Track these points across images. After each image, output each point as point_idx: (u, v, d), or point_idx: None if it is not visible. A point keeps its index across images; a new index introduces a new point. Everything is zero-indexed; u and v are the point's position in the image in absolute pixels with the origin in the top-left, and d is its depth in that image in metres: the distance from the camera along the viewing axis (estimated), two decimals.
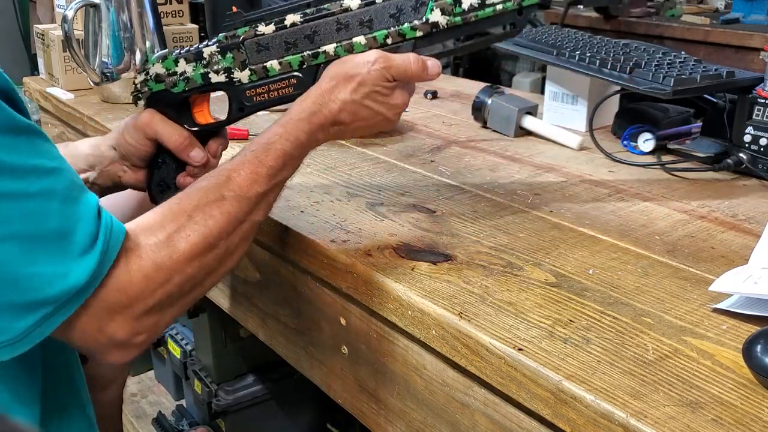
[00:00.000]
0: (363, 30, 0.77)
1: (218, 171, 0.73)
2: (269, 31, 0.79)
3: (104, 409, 1.15)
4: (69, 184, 0.63)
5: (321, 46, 0.78)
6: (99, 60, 1.41)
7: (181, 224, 0.68)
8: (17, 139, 0.59)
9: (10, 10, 3.83)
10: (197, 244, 0.68)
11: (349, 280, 0.77)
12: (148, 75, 0.82)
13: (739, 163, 1.01)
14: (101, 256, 0.62)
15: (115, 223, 0.65)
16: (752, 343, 0.57)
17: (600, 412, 0.54)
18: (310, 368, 0.91)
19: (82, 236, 0.61)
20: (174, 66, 0.81)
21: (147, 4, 1.40)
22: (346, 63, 0.76)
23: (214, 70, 0.80)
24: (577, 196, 0.95)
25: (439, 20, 0.76)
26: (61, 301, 0.60)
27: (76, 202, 0.62)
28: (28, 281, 0.59)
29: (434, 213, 0.89)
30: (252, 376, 1.60)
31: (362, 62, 0.74)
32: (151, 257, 0.65)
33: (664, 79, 1.01)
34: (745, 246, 0.80)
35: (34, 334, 0.61)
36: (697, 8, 2.80)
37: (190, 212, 0.69)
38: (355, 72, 0.74)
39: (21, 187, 0.59)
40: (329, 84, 0.75)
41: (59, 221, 0.60)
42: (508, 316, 0.66)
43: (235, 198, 0.70)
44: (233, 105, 0.82)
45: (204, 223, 0.68)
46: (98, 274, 0.62)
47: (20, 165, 0.59)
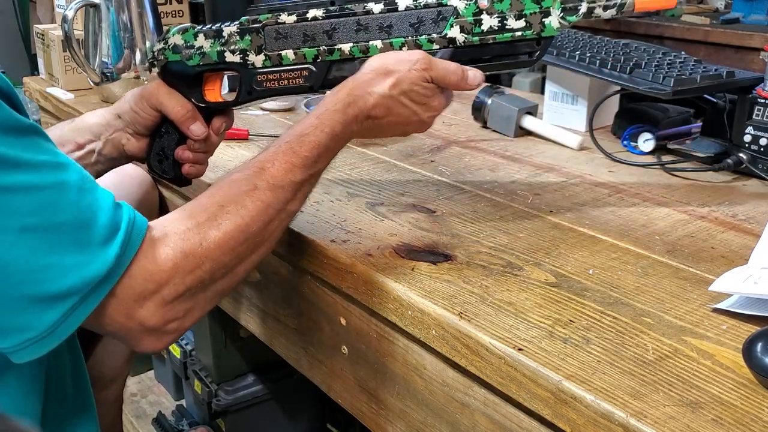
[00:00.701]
0: (381, 35, 0.78)
1: (251, 162, 0.73)
2: (290, 21, 0.80)
3: (104, 409, 1.15)
4: (81, 177, 0.63)
5: (338, 44, 0.79)
6: (99, 60, 1.41)
7: (213, 213, 0.68)
8: (22, 138, 0.60)
9: (10, 10, 3.84)
10: (229, 232, 0.68)
11: (349, 280, 0.77)
12: (166, 44, 0.83)
13: (739, 163, 1.01)
14: (123, 246, 0.62)
15: (138, 215, 0.65)
16: (752, 343, 0.57)
17: (600, 412, 0.54)
18: (310, 368, 0.91)
19: (101, 226, 0.62)
20: (193, 39, 0.82)
21: (147, 4, 1.40)
22: (387, 57, 0.75)
23: (231, 49, 0.81)
24: (577, 196, 0.95)
25: (457, 37, 0.77)
26: (84, 292, 0.61)
27: (91, 193, 0.63)
28: (48, 273, 0.59)
29: (434, 213, 0.89)
30: (252, 376, 1.60)
31: (404, 60, 0.74)
32: (180, 245, 0.66)
33: (664, 79, 1.01)
34: (745, 246, 0.80)
35: (61, 329, 0.61)
36: (697, 8, 2.80)
37: (221, 202, 0.69)
38: (395, 68, 0.74)
39: (34, 180, 0.59)
40: (367, 76, 0.74)
41: (76, 212, 0.61)
42: (508, 316, 0.66)
43: (268, 187, 0.70)
44: (243, 87, 0.83)
45: (236, 212, 0.69)
46: (120, 264, 0.62)
47: (29, 160, 0.59)
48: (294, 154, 0.72)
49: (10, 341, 0.61)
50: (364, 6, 0.78)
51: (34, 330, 0.60)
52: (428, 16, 0.77)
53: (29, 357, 0.62)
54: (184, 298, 0.67)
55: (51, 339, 0.61)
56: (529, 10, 0.75)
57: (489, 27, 0.76)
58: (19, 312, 0.59)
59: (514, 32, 0.76)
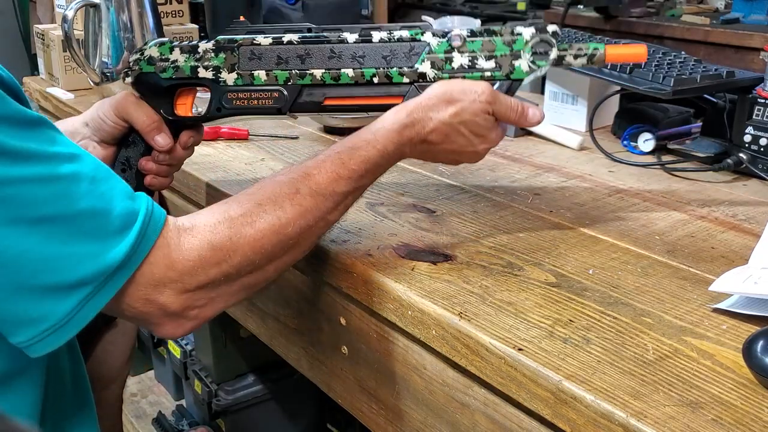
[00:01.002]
0: (353, 63, 0.79)
1: (297, 167, 0.73)
2: (265, 43, 0.81)
3: (104, 409, 1.15)
4: (95, 166, 0.63)
5: (310, 69, 0.80)
6: (99, 60, 1.41)
7: (248, 210, 0.68)
8: (34, 130, 0.60)
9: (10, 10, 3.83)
10: (263, 231, 0.68)
11: (349, 280, 0.77)
12: (142, 55, 0.83)
13: (739, 163, 1.01)
14: (139, 234, 0.62)
15: (156, 205, 0.66)
16: (752, 343, 0.57)
17: (600, 412, 0.54)
18: (310, 368, 0.91)
19: (116, 215, 0.62)
20: (168, 53, 0.82)
21: (147, 4, 1.40)
22: (453, 85, 0.75)
23: (204, 65, 0.82)
24: (577, 196, 0.95)
25: (427, 72, 0.78)
26: (100, 281, 0.61)
27: (106, 182, 0.63)
28: (63, 262, 0.59)
29: (434, 213, 0.89)
30: (252, 376, 1.60)
31: (469, 90, 0.74)
32: (208, 237, 0.66)
33: (664, 79, 1.01)
34: (745, 246, 0.80)
35: (77, 318, 0.61)
36: (697, 8, 2.79)
37: (260, 201, 0.69)
38: (459, 97, 0.74)
39: (48, 171, 0.59)
40: (429, 101, 0.74)
41: (90, 201, 0.61)
42: (508, 316, 0.66)
43: (310, 193, 0.70)
44: (213, 103, 0.83)
45: (273, 212, 0.69)
46: (138, 252, 0.62)
47: (43, 152, 0.60)
48: (342, 165, 0.72)
49: (26, 334, 0.60)
50: (339, 35, 0.80)
51: (49, 320, 0.60)
52: (401, 49, 0.79)
53: (46, 349, 0.62)
54: (207, 289, 0.67)
55: (67, 328, 0.61)
56: (499, 52, 0.77)
57: (459, 65, 0.78)
58: (35, 302, 0.59)
59: (483, 72, 0.78)
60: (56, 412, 0.78)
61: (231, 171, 1.04)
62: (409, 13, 3.88)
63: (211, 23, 1.54)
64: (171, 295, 0.65)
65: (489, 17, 3.65)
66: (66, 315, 0.60)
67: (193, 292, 0.66)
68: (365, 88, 0.80)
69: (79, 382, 0.84)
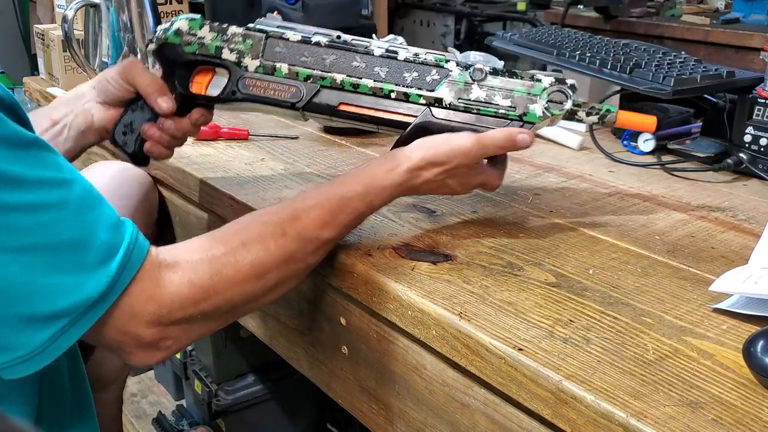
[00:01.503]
0: (375, 75, 0.81)
1: (285, 206, 0.73)
2: (294, 39, 0.82)
3: (104, 409, 1.15)
4: (83, 193, 0.62)
5: (331, 72, 0.81)
6: (99, 60, 1.41)
7: (232, 249, 0.68)
8: (26, 152, 0.59)
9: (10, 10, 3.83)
10: (245, 272, 0.68)
11: (349, 280, 0.77)
12: (171, 25, 0.84)
13: (739, 163, 1.01)
14: (120, 267, 0.61)
15: (140, 236, 0.64)
16: (752, 343, 0.57)
17: (600, 412, 0.54)
18: (310, 368, 0.91)
19: (98, 247, 0.61)
20: (198, 29, 0.84)
21: (147, 4, 1.40)
22: (439, 146, 0.76)
23: (230, 47, 0.83)
24: (577, 196, 0.95)
25: (444, 97, 0.80)
26: (77, 313, 0.60)
27: (92, 211, 0.62)
28: (41, 293, 0.58)
29: (434, 213, 0.89)
30: (252, 376, 1.60)
31: (457, 151, 0.76)
32: (188, 275, 0.65)
33: (664, 79, 1.01)
34: (745, 246, 0.80)
35: (52, 348, 0.60)
36: (697, 8, 2.79)
37: (245, 240, 0.69)
38: (446, 159, 0.76)
39: (33, 198, 0.58)
40: (420, 163, 0.76)
41: (74, 232, 0.60)
42: (508, 316, 0.66)
43: (296, 237, 0.71)
44: (229, 86, 0.84)
45: (257, 254, 0.68)
46: (117, 285, 0.61)
47: (31, 177, 0.58)
48: (331, 214, 0.73)
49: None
50: (366, 45, 0.82)
51: (23, 349, 0.59)
52: (423, 72, 0.81)
53: (18, 375, 0.61)
54: (183, 324, 0.66)
55: (41, 358, 0.60)
56: (517, 93, 0.80)
57: (476, 97, 0.80)
58: (10, 330, 0.59)
59: (498, 108, 0.80)
60: (54, 412, 0.78)
61: (231, 171, 1.04)
62: (408, 13, 3.88)
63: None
64: (146, 328, 0.64)
65: (489, 17, 3.65)
66: (40, 346, 0.59)
67: (168, 326, 0.65)
68: (381, 101, 0.81)
69: (78, 382, 0.83)
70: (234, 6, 1.50)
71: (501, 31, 1.41)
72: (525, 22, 3.37)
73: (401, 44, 0.83)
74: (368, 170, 0.76)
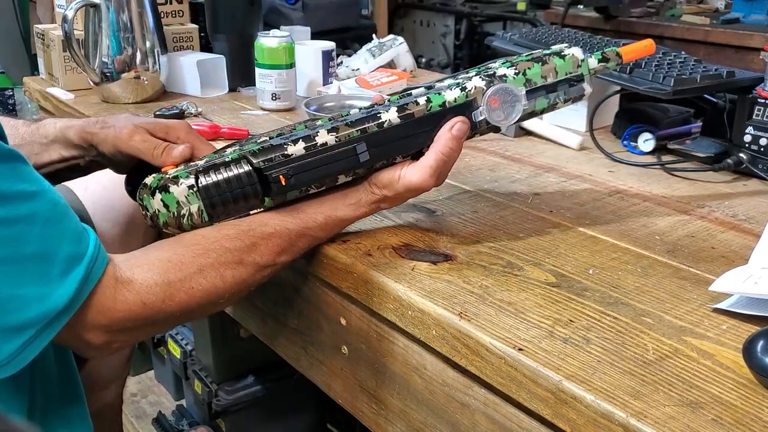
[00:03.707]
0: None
1: (245, 232, 0.73)
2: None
3: (104, 410, 1.15)
4: (51, 205, 0.63)
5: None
6: (99, 60, 1.41)
7: (188, 275, 0.69)
8: (4, 166, 0.60)
9: (10, 10, 3.83)
10: (197, 298, 0.70)
11: (349, 280, 0.77)
12: (156, 216, 0.77)
13: (739, 163, 1.01)
14: (83, 280, 0.63)
15: (101, 248, 0.66)
16: (752, 343, 0.57)
17: (600, 412, 0.54)
18: (310, 368, 0.91)
19: (62, 259, 0.62)
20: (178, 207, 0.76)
21: (147, 4, 1.40)
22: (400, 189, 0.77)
23: None
24: (577, 196, 0.95)
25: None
26: (43, 323, 0.62)
27: (58, 224, 0.63)
28: (10, 304, 0.60)
29: (434, 213, 0.89)
30: (252, 376, 1.60)
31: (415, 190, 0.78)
32: (142, 297, 0.67)
33: (664, 79, 1.01)
34: (745, 246, 0.80)
35: (20, 357, 0.62)
36: (697, 8, 2.80)
37: (202, 266, 0.70)
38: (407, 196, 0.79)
39: (5, 213, 0.59)
40: (374, 198, 0.78)
41: (40, 244, 0.61)
42: (508, 316, 0.66)
43: (252, 265, 0.73)
44: None
45: (212, 282, 0.71)
46: (79, 296, 0.64)
47: (5, 192, 0.60)
48: (289, 242, 0.75)
49: None
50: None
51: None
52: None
53: None
54: (130, 333, 0.70)
55: (9, 368, 0.62)
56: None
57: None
58: None
59: None
60: (46, 408, 0.78)
61: None
62: (409, 13, 3.88)
63: (211, 23, 1.54)
64: (96, 335, 0.67)
65: (489, 17, 3.65)
66: (9, 356, 0.61)
67: (116, 334, 0.68)
68: None
69: (67, 378, 0.83)
70: (234, 6, 1.50)
71: (501, 31, 1.41)
72: (525, 22, 3.36)
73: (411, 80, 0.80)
74: (331, 202, 0.78)
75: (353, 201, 0.78)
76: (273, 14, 1.94)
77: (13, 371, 0.63)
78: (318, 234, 0.77)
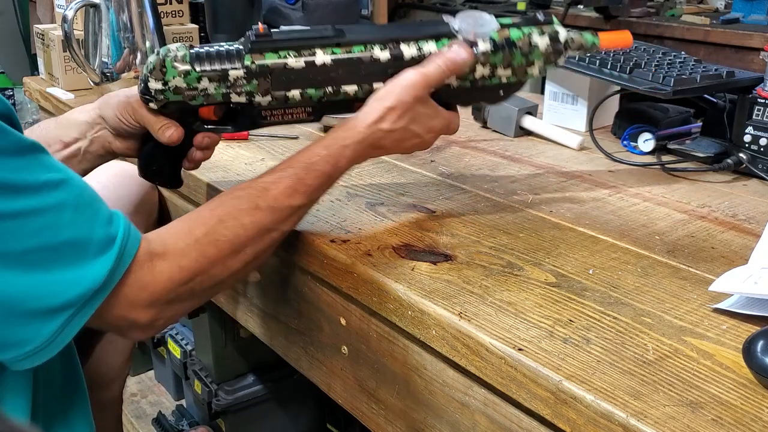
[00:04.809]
0: (384, 77, 0.81)
1: (255, 182, 0.76)
2: (299, 66, 0.80)
3: (104, 409, 1.15)
4: (78, 191, 0.66)
5: (343, 86, 0.81)
6: (99, 60, 1.41)
7: (211, 228, 0.72)
8: (25, 158, 0.62)
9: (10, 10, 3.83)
10: (225, 249, 0.72)
11: (349, 280, 0.77)
12: (166, 86, 0.80)
13: (739, 163, 1.01)
14: (117, 259, 0.65)
15: (133, 227, 0.68)
16: (752, 343, 0.57)
17: (600, 412, 0.54)
18: (310, 368, 0.91)
19: (96, 241, 0.65)
20: (196, 83, 0.80)
21: (147, 4, 1.40)
22: (390, 94, 0.78)
23: (237, 92, 0.81)
24: (577, 196, 0.95)
25: (452, 82, 0.82)
26: (80, 304, 0.64)
27: (87, 209, 0.65)
28: (47, 289, 0.62)
29: (434, 213, 0.89)
30: (252, 376, 1.60)
31: (404, 91, 0.78)
32: (177, 261, 0.70)
33: (664, 79, 1.01)
34: (745, 246, 0.80)
35: (59, 339, 0.64)
36: (697, 8, 2.79)
37: (221, 217, 0.73)
38: (399, 99, 0.78)
39: (35, 203, 0.61)
40: (375, 115, 0.78)
41: (73, 231, 0.63)
42: (508, 316, 0.66)
43: (268, 209, 0.74)
44: (245, 119, 0.84)
45: (234, 230, 0.72)
46: (114, 275, 0.65)
47: (32, 183, 0.62)
48: (298, 181, 0.75)
49: (9, 354, 0.64)
50: (371, 54, 0.81)
51: (32, 343, 0.63)
52: None
53: (27, 366, 0.65)
54: (174, 304, 0.72)
55: (49, 350, 0.64)
56: (517, 62, 0.83)
57: (481, 75, 0.83)
58: (20, 327, 0.62)
59: (501, 78, 0.84)
60: (46, 408, 0.78)
61: (231, 171, 1.04)
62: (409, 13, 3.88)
63: (212, 23, 1.54)
64: (142, 312, 0.69)
65: None
66: (49, 337, 0.63)
67: (161, 308, 0.70)
68: None
69: (71, 378, 0.84)
70: (234, 6, 1.50)
71: None
72: None
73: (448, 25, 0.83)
74: (330, 134, 0.79)
75: (351, 125, 0.78)
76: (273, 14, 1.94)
77: (53, 353, 0.64)
78: (324, 168, 0.76)
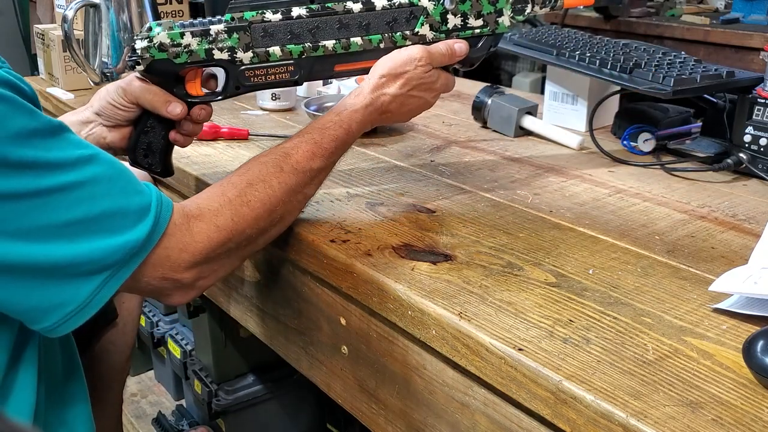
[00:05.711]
0: (361, 32, 0.85)
1: (276, 149, 0.81)
2: (276, 19, 0.84)
3: (104, 409, 1.15)
4: (109, 164, 0.69)
5: (321, 41, 0.85)
6: (99, 60, 1.41)
7: (243, 190, 0.77)
8: (57, 138, 0.65)
9: (10, 10, 3.84)
10: (257, 209, 0.77)
11: (349, 280, 0.77)
12: (151, 42, 0.83)
13: (739, 163, 1.01)
14: (153, 224, 0.69)
15: (163, 194, 0.72)
16: (752, 343, 0.57)
17: (600, 412, 0.54)
18: (310, 368, 0.91)
19: (132, 210, 0.68)
20: (179, 38, 0.84)
21: (147, 4, 1.40)
22: (395, 61, 0.84)
23: (219, 47, 0.84)
24: (577, 196, 0.95)
25: (426, 34, 0.87)
26: (117, 267, 0.67)
27: (119, 180, 0.69)
28: (87, 255, 0.65)
29: (434, 213, 0.89)
30: (252, 376, 1.60)
31: (409, 59, 0.84)
32: (214, 221, 0.74)
33: (664, 79, 1.01)
34: (745, 246, 0.80)
35: (97, 298, 0.67)
36: (697, 8, 2.79)
37: (251, 180, 0.78)
38: (404, 69, 0.84)
39: (71, 178, 0.65)
40: (380, 80, 0.84)
41: (110, 201, 0.67)
42: (508, 316, 0.66)
43: (292, 171, 0.79)
44: (230, 82, 0.86)
45: (264, 191, 0.77)
46: (151, 239, 0.69)
47: (66, 159, 0.65)
48: (315, 145, 0.81)
49: (51, 319, 0.66)
50: (344, 5, 0.85)
51: (73, 303, 0.66)
52: (402, 15, 0.86)
53: (67, 330, 0.68)
54: (213, 263, 0.75)
55: (88, 309, 0.67)
56: (486, 11, 0.87)
57: (453, 25, 0.87)
58: (60, 290, 0.65)
59: (474, 29, 0.88)
60: (48, 409, 0.78)
61: (231, 171, 1.04)
62: None
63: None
64: (185, 273, 0.73)
65: None
66: (87, 297, 0.66)
67: (202, 267, 0.74)
68: (372, 53, 0.86)
69: (73, 378, 0.84)
70: None
71: None
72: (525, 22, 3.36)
73: None
74: (341, 102, 0.85)
75: (358, 92, 0.84)
76: None
77: (92, 314, 0.67)
78: (337, 132, 0.82)
